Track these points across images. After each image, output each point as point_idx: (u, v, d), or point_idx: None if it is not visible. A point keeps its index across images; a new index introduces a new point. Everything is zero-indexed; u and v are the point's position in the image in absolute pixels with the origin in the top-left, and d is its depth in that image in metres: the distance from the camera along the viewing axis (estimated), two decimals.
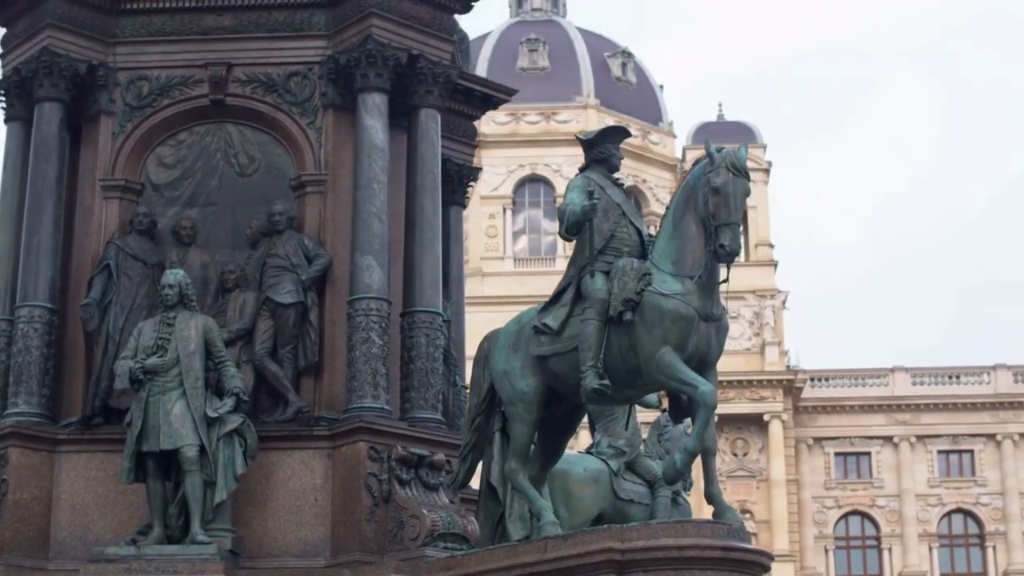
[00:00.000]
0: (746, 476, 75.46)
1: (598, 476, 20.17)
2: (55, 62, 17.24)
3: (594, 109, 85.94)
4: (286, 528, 16.14)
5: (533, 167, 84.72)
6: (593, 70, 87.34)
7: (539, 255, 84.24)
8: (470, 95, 20.07)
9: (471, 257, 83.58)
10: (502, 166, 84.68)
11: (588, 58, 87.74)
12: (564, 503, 20.22)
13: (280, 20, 17.67)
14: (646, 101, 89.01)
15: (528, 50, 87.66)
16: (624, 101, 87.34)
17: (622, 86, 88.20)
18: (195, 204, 17.46)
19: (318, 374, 16.72)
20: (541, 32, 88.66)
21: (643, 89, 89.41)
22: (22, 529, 16.14)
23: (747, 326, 76.93)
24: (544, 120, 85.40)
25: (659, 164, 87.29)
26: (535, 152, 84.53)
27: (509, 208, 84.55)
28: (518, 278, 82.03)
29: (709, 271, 13.82)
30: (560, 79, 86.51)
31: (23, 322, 16.67)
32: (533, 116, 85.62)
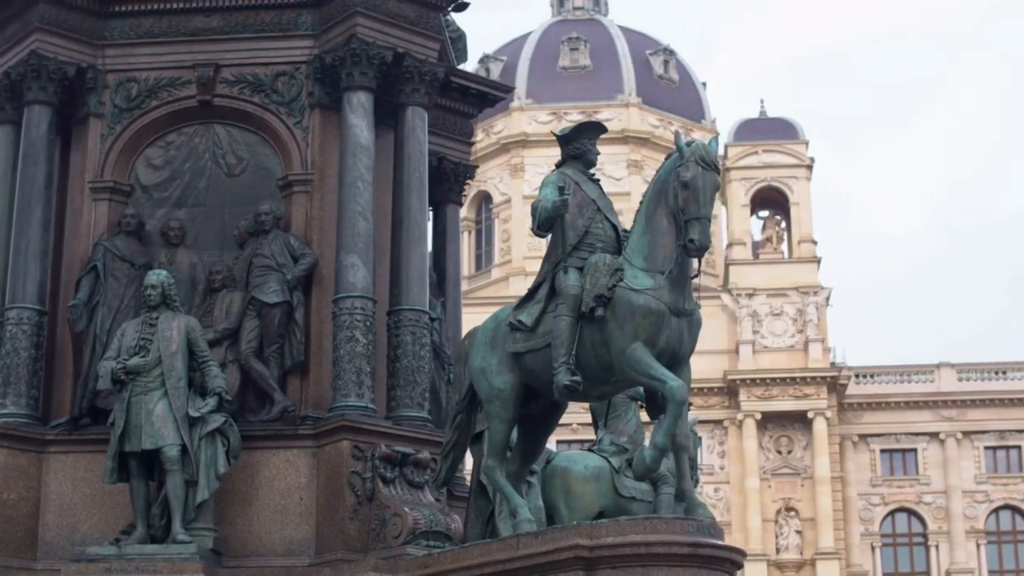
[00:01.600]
0: (790, 474, 75.03)
1: (599, 473, 20.09)
2: (43, 65, 17.33)
3: (636, 107, 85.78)
4: (271, 527, 16.17)
5: None
6: (635, 68, 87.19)
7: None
8: (466, 93, 20.05)
9: (515, 256, 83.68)
10: (544, 165, 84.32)
11: (630, 56, 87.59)
12: (564, 501, 20.16)
13: (267, 20, 17.72)
14: (688, 98, 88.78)
15: (569, 49, 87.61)
16: (666, 99, 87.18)
17: (664, 84, 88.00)
18: (184, 205, 17.51)
19: (304, 373, 16.75)
20: (582, 31, 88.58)
21: (685, 86, 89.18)
22: (9, 529, 16.24)
23: (790, 323, 76.49)
24: (586, 118, 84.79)
25: None
26: None
27: None
28: None
29: (680, 266, 13.76)
30: (602, 77, 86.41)
31: (12, 324, 16.76)
32: (575, 115, 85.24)
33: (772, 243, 79.56)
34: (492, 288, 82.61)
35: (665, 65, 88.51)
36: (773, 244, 79.51)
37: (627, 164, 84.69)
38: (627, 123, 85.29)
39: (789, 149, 79.96)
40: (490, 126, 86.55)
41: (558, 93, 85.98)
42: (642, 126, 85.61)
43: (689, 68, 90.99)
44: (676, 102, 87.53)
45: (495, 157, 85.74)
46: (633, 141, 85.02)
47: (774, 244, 79.51)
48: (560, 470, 20.41)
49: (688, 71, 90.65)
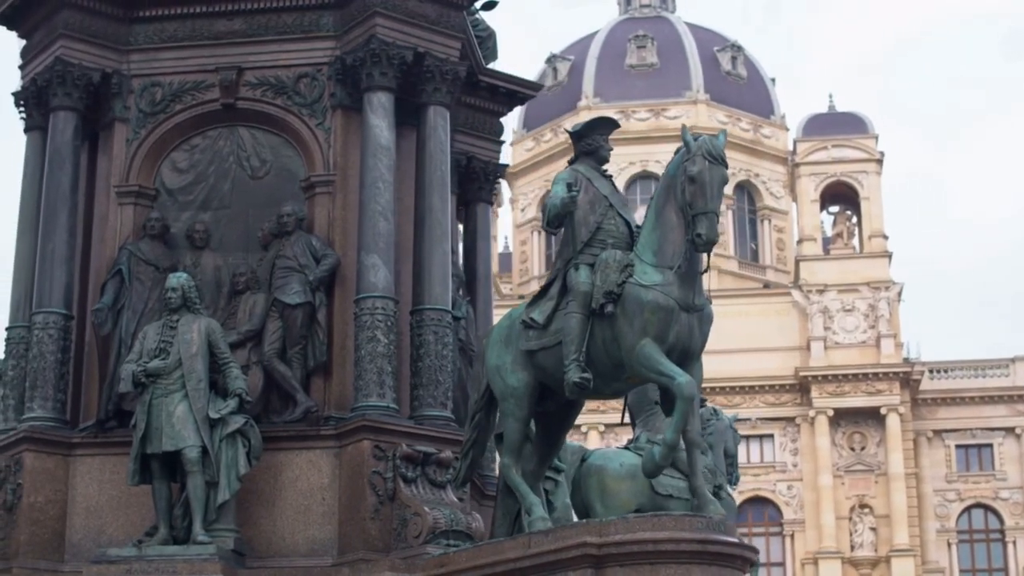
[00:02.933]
0: (864, 470, 74.49)
1: (635, 471, 19.98)
2: (68, 71, 17.46)
3: (704, 104, 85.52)
4: (294, 527, 16.21)
5: (644, 164, 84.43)
6: (702, 65, 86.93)
7: None
8: (495, 91, 20.03)
9: None
10: (612, 164, 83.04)
11: (697, 53, 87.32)
12: (600, 499, 20.09)
13: (289, 22, 17.76)
14: (757, 94, 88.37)
15: (636, 47, 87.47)
16: (735, 95, 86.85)
17: (732, 80, 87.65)
18: (208, 208, 17.58)
19: (327, 374, 16.77)
20: (649, 28, 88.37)
21: (754, 82, 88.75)
22: (37, 532, 16.38)
23: (862, 319, 75.95)
24: (653, 117, 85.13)
25: (772, 158, 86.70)
26: (645, 149, 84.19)
27: None
28: None
29: (689, 261, 13.68)
30: (669, 75, 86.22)
31: (38, 328, 16.92)
32: (643, 113, 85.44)
33: (843, 238, 79.09)
34: None
35: (733, 61, 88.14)
36: (844, 239, 79.03)
37: None
38: (695, 120, 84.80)
39: (859, 143, 79.46)
40: (558, 125, 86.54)
41: (625, 91, 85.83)
42: (710, 123, 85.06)
43: (757, 64, 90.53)
44: (745, 98, 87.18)
45: (563, 156, 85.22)
46: None
47: (845, 239, 79.02)
48: (596, 468, 20.34)
49: (756, 67, 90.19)
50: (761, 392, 75.61)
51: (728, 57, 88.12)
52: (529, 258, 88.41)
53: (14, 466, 16.55)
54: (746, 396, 75.41)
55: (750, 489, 74.64)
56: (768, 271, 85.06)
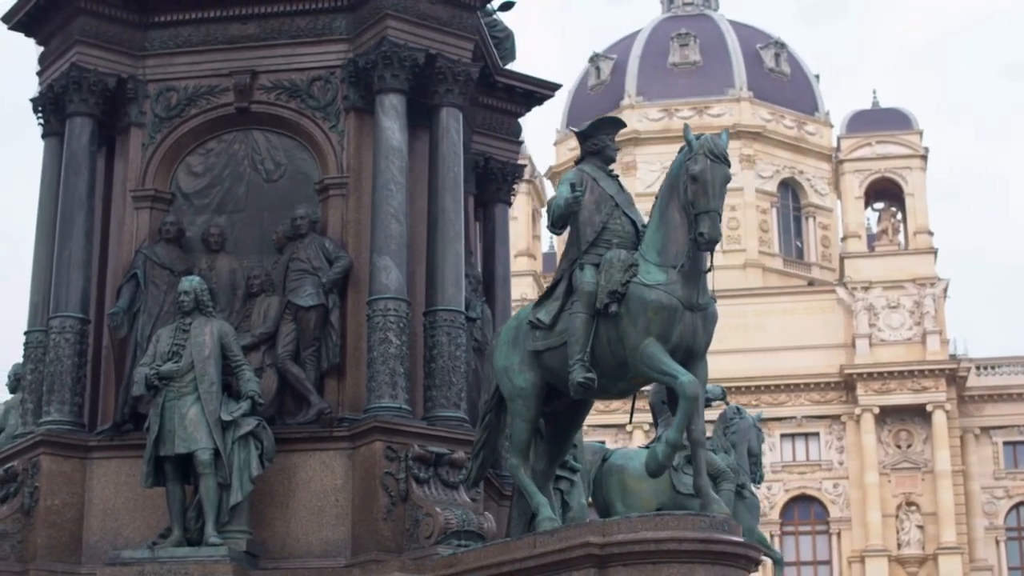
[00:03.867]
0: (910, 468, 74.10)
1: None
2: (84, 77, 17.59)
3: (747, 101, 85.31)
4: (308, 529, 16.27)
5: None
6: (745, 62, 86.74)
7: None
8: (512, 92, 20.06)
9: None
10: (656, 163, 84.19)
11: (740, 50, 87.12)
12: (621, 498, 20.14)
13: (303, 26, 17.82)
14: (801, 91, 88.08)
15: (679, 45, 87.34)
16: (778, 92, 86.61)
17: (776, 77, 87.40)
18: (223, 211, 17.67)
19: (341, 375, 16.82)
20: (692, 26, 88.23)
21: (797, 79, 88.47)
22: (54, 534, 16.50)
23: (907, 315, 75.58)
24: (697, 115, 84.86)
25: (816, 155, 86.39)
26: None
27: None
28: None
29: (692, 260, 13.64)
30: (712, 73, 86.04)
31: (55, 332, 17.04)
32: (686, 111, 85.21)
33: (888, 235, 78.73)
34: None
35: (776, 58, 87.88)
36: (889, 236, 78.67)
37: (740, 159, 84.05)
38: (739, 118, 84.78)
39: (903, 139, 79.09)
40: None
41: (668, 90, 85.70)
42: (754, 120, 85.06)
43: (801, 61, 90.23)
44: (788, 95, 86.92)
45: None
46: (745, 136, 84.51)
47: (890, 236, 78.67)
48: (616, 468, 20.38)
49: (800, 64, 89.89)
50: (806, 390, 75.34)
51: (771, 54, 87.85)
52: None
53: (31, 469, 16.68)
54: (791, 394, 75.17)
55: (796, 487, 74.47)
56: (813, 269, 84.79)
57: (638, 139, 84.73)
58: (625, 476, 19.91)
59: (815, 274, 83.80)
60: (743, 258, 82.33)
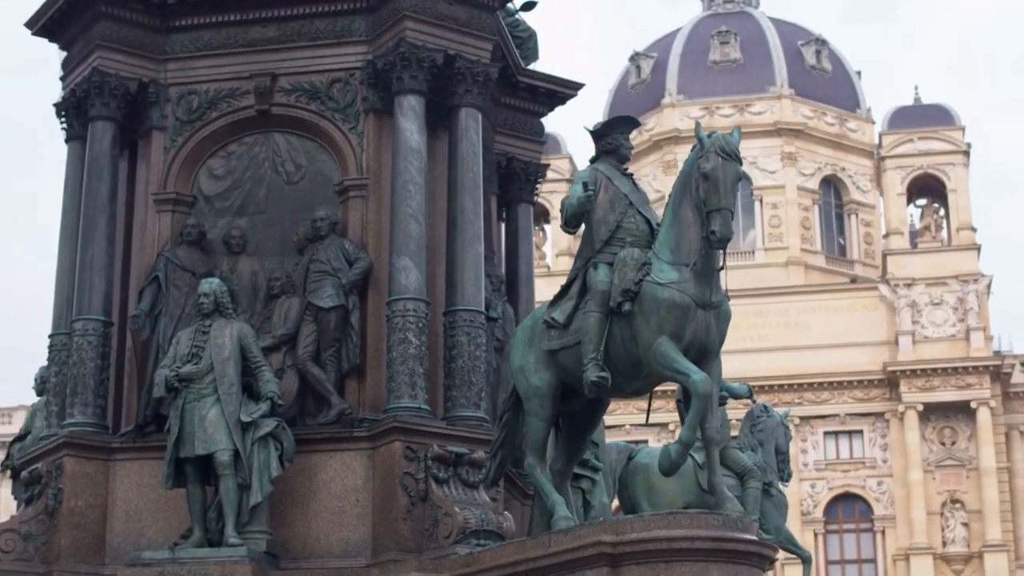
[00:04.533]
0: (955, 465, 73.64)
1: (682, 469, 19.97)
2: (105, 82, 17.70)
3: (788, 99, 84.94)
4: (328, 529, 16.34)
5: None
6: (786, 59, 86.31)
7: (738, 249, 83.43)
8: (535, 92, 20.08)
9: None
10: None
11: (781, 47, 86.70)
12: (647, 497, 20.14)
13: (322, 28, 17.89)
14: (842, 88, 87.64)
15: (719, 43, 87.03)
16: (819, 89, 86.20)
17: (817, 74, 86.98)
18: (245, 213, 17.75)
19: (361, 376, 16.89)
20: (732, 24, 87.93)
21: (839, 76, 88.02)
22: (78, 536, 16.62)
23: (951, 312, 75.12)
24: (738, 112, 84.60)
25: (858, 151, 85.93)
26: None
27: None
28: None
29: (704, 258, 13.62)
30: (753, 70, 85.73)
31: (78, 335, 17.17)
32: (727, 109, 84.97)
33: (930, 231, 78.29)
34: None
35: (817, 55, 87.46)
36: (932, 232, 78.23)
37: (781, 156, 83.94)
38: (780, 115, 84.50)
39: (945, 135, 78.62)
40: (642, 123, 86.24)
41: (709, 88, 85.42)
42: (795, 118, 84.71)
43: (842, 57, 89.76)
44: (829, 92, 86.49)
45: (648, 154, 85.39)
46: (786, 133, 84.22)
47: (932, 232, 78.23)
48: (642, 467, 20.39)
49: (841, 60, 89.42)
50: (849, 388, 74.98)
51: (812, 51, 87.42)
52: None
53: (55, 471, 16.80)
54: (834, 392, 74.86)
55: (840, 485, 74.18)
56: (856, 266, 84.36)
57: (679, 138, 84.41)
58: (651, 475, 19.90)
59: (858, 271, 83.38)
60: (785, 256, 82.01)
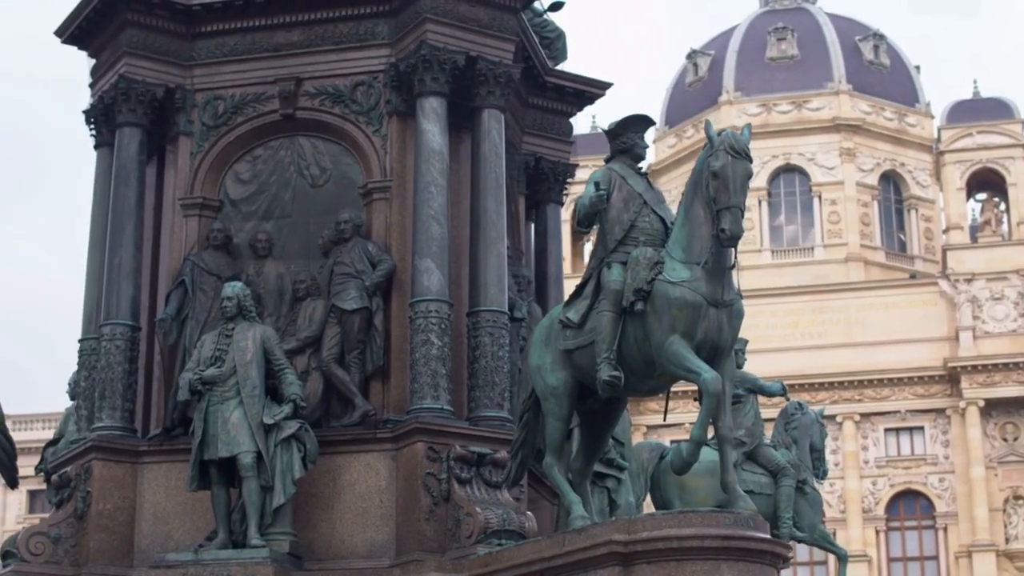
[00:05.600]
0: (1017, 461, 72.96)
1: (714, 468, 19.80)
2: (132, 88, 17.88)
3: (846, 95, 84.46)
4: (353, 530, 16.44)
5: (787, 157, 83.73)
6: (844, 55, 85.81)
7: (797, 246, 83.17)
8: (562, 92, 20.12)
9: None
10: (755, 158, 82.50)
11: (838, 43, 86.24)
12: (679, 496, 20.11)
13: (345, 32, 17.99)
14: (901, 83, 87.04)
15: (776, 39, 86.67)
16: (878, 84, 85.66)
17: (875, 69, 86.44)
18: (270, 217, 17.89)
19: (385, 377, 16.98)
20: (789, 20, 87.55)
21: (897, 71, 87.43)
22: (106, 538, 16.79)
23: (1012, 307, 74.49)
24: (795, 109, 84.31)
25: (917, 146, 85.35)
26: (788, 142, 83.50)
27: (764, 200, 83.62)
28: (776, 270, 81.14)
29: (716, 256, 13.60)
30: (810, 66, 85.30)
31: (106, 340, 17.35)
32: (784, 106, 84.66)
33: (991, 226, 77.68)
34: None
35: (875, 50, 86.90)
36: (992, 227, 77.62)
37: (840, 152, 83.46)
38: (838, 111, 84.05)
39: (1004, 129, 78.06)
40: (699, 121, 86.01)
41: (766, 84, 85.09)
42: (853, 113, 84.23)
43: (901, 52, 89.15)
44: (888, 87, 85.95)
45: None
46: (845, 129, 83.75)
47: (993, 227, 77.63)
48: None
49: (900, 55, 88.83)
50: (910, 384, 74.48)
51: (870, 46, 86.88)
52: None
53: (84, 474, 16.99)
54: (894, 388, 74.38)
55: (901, 482, 73.69)
56: (916, 261, 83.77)
57: None
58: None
59: (918, 267, 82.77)
60: (845, 252, 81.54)
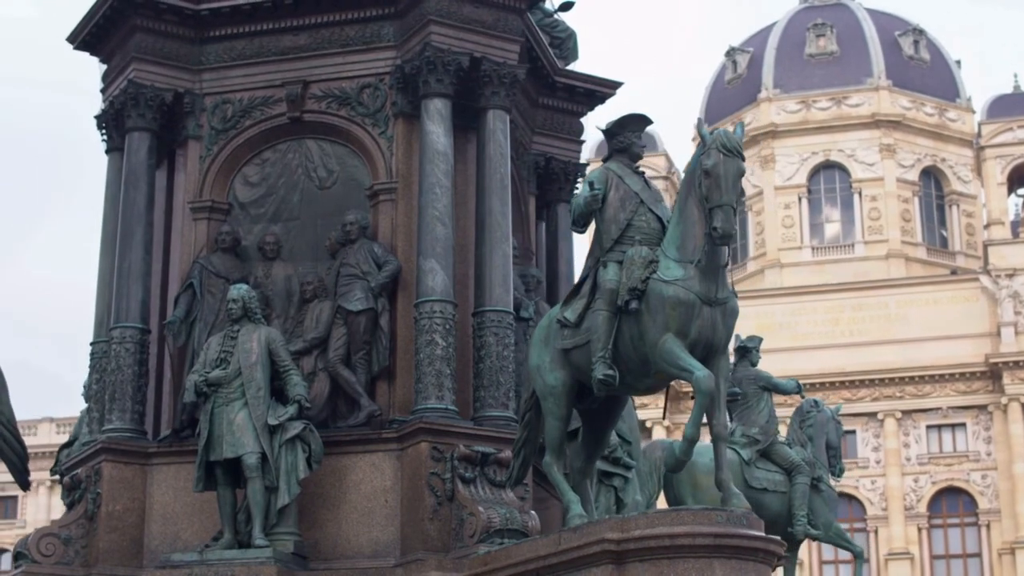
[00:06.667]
0: None
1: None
2: (141, 93, 18.04)
3: (886, 90, 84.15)
4: (359, 529, 16.55)
5: (827, 153, 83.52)
6: (883, 50, 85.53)
7: (837, 243, 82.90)
8: (573, 92, 20.16)
9: (769, 249, 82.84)
10: (795, 155, 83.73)
11: (878, 38, 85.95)
12: (691, 494, 20.14)
13: (352, 35, 18.10)
14: (941, 78, 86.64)
15: (815, 35, 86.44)
16: (918, 79, 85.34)
17: (915, 64, 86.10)
18: (279, 220, 18.02)
19: (391, 378, 17.08)
20: (828, 16, 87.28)
21: (938, 66, 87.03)
22: (116, 539, 16.96)
23: None
24: (835, 105, 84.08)
25: (958, 141, 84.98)
26: (828, 138, 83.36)
27: (805, 197, 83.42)
28: (817, 267, 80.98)
29: (709, 255, 13.62)
30: (849, 62, 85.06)
31: (116, 343, 17.51)
32: (824, 102, 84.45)
33: None
34: (748, 282, 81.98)
35: (915, 45, 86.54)
36: None
37: (880, 148, 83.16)
38: (877, 107, 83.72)
39: None
40: (738, 118, 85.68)
41: (805, 81, 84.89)
42: (893, 109, 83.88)
43: (941, 47, 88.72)
44: (928, 82, 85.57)
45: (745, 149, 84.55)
46: (885, 125, 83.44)
47: None
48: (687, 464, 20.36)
49: (940, 50, 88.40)
50: (951, 380, 74.11)
51: (910, 41, 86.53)
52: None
53: (94, 476, 17.16)
54: (936, 385, 74.04)
55: (943, 479, 73.36)
56: (958, 257, 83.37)
57: (776, 132, 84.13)
58: (695, 472, 19.85)
59: (959, 263, 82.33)
60: (885, 248, 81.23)
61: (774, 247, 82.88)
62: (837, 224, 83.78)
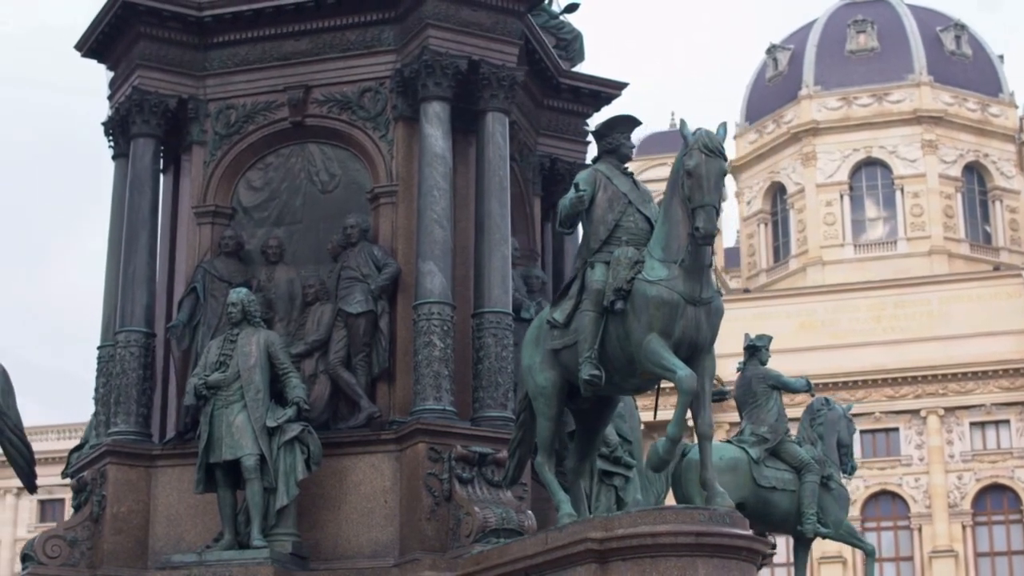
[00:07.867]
0: None
1: (735, 465, 20.02)
2: (145, 99, 18.25)
3: (928, 86, 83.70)
4: (359, 530, 16.70)
5: (868, 150, 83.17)
6: (925, 46, 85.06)
7: (880, 240, 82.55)
8: (578, 93, 20.25)
9: (811, 247, 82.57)
10: (836, 152, 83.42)
11: (919, 34, 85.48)
12: (699, 493, 20.12)
13: (353, 39, 18.25)
14: (983, 73, 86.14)
15: (856, 32, 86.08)
16: (960, 75, 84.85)
17: (957, 60, 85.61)
18: (282, 223, 18.20)
19: (391, 380, 17.22)
20: (869, 12, 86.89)
21: (980, 61, 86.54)
22: (121, 541, 17.16)
23: None
24: (876, 101, 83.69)
25: (1001, 137, 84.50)
26: (869, 135, 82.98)
27: (846, 194, 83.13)
28: (859, 264, 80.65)
29: (693, 255, 13.69)
30: (890, 58, 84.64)
31: (121, 346, 17.72)
32: (865, 99, 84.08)
33: None
34: (790, 280, 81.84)
35: (957, 40, 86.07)
36: None
37: (921, 145, 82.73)
38: (919, 103, 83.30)
39: None
40: (779, 116, 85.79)
41: (846, 78, 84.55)
42: (935, 104, 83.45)
43: (983, 42, 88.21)
44: (970, 77, 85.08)
45: (786, 147, 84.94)
46: (926, 121, 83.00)
47: None
48: (695, 463, 20.32)
49: (982, 45, 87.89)
50: (995, 377, 73.62)
51: (951, 36, 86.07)
52: (756, 251, 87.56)
53: (99, 478, 17.37)
54: (979, 382, 73.56)
55: (987, 476, 72.91)
56: (1002, 253, 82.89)
57: (817, 129, 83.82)
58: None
59: (1003, 258, 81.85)
60: (928, 245, 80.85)
61: (816, 245, 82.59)
62: (879, 221, 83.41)
